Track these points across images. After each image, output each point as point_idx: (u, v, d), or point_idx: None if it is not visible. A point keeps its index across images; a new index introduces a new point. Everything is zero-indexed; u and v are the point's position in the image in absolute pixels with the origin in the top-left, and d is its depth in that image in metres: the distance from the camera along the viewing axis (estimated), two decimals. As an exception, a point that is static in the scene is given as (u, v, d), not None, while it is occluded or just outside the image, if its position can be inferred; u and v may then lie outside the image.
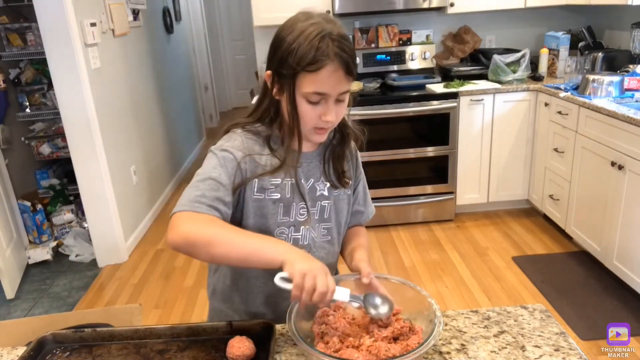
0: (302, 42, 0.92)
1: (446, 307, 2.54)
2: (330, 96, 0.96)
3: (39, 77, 3.52)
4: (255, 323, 1.00)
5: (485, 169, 3.43)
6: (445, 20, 3.73)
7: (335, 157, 1.11)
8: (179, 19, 5.25)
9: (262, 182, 1.02)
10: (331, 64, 0.92)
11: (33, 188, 3.63)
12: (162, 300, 2.81)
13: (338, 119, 1.01)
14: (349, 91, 0.99)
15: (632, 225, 2.40)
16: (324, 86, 0.94)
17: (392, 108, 3.24)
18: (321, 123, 0.99)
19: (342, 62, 0.93)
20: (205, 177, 0.96)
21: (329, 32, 0.93)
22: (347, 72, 0.94)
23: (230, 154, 0.99)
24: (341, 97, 0.98)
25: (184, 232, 0.91)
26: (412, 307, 0.96)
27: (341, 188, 1.12)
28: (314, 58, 0.91)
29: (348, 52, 0.94)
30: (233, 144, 1.01)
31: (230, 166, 0.98)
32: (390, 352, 0.85)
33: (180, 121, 4.96)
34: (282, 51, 0.95)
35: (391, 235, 3.39)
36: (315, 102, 0.96)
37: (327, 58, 0.92)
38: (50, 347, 1.00)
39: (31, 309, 2.81)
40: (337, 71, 0.93)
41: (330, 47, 0.92)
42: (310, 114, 0.97)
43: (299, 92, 0.96)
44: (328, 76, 0.93)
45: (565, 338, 0.96)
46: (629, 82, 2.77)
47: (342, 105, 1.00)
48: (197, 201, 0.93)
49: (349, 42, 0.96)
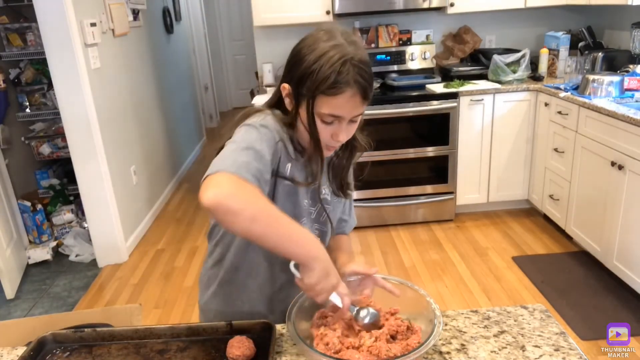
0: (324, 65, 0.92)
1: (446, 307, 2.54)
2: (345, 119, 0.97)
3: (39, 77, 3.52)
4: (255, 323, 1.00)
5: (485, 169, 3.43)
6: (445, 20, 3.73)
7: (340, 167, 1.12)
8: (179, 19, 5.25)
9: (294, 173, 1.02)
10: (350, 90, 0.93)
11: (33, 188, 3.63)
12: (162, 300, 2.81)
13: (348, 137, 1.02)
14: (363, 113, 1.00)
15: (632, 225, 2.40)
16: (341, 110, 0.95)
17: (392, 108, 3.24)
18: (332, 142, 1.00)
19: (361, 89, 0.93)
20: (249, 146, 0.89)
21: (351, 57, 0.93)
22: (364, 97, 0.95)
23: (270, 131, 0.96)
24: (355, 119, 0.99)
25: (229, 195, 0.80)
26: (412, 307, 0.97)
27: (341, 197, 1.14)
28: (334, 83, 0.92)
29: (367, 79, 0.94)
30: (271, 122, 0.98)
31: (271, 143, 0.95)
32: (392, 352, 0.85)
33: (180, 121, 4.96)
34: (302, 70, 0.95)
35: (391, 235, 3.39)
36: (329, 122, 0.97)
37: (347, 85, 0.92)
38: (50, 347, 1.00)
39: (31, 309, 2.81)
40: (354, 97, 0.94)
41: (350, 73, 0.92)
42: (322, 133, 0.98)
43: (315, 111, 0.96)
44: (346, 101, 0.94)
45: (565, 338, 0.96)
46: (629, 82, 2.77)
47: (354, 125, 1.01)
48: (244, 167, 0.85)
49: (369, 68, 0.96)
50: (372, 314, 0.95)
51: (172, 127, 4.61)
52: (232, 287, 1.14)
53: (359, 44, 0.97)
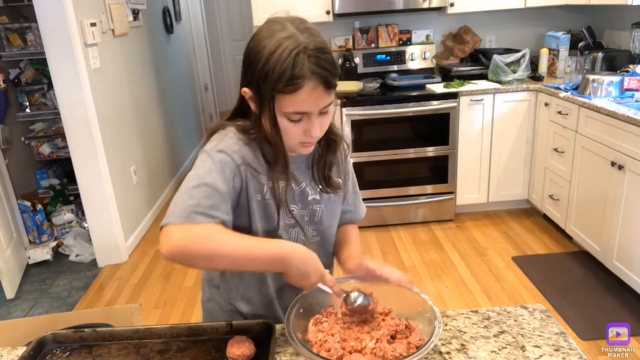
0: (277, 62, 0.87)
1: (446, 307, 2.54)
2: (312, 113, 0.92)
3: (39, 77, 3.52)
4: (255, 323, 1.00)
5: (485, 169, 3.43)
6: (445, 20, 3.73)
7: (322, 163, 1.08)
8: (179, 19, 5.25)
9: (262, 187, 1.00)
10: (309, 83, 0.88)
11: (33, 188, 3.63)
12: (162, 300, 2.81)
13: (323, 131, 0.98)
14: (332, 102, 0.95)
15: (632, 225, 2.40)
16: (305, 106, 0.90)
17: (392, 108, 3.24)
18: (307, 139, 0.96)
19: (321, 79, 0.88)
20: (199, 183, 0.90)
21: (304, 46, 0.87)
22: (326, 87, 0.90)
23: (227, 155, 0.94)
24: (325, 110, 0.94)
25: (181, 245, 0.85)
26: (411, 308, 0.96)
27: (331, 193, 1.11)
28: (290, 79, 0.87)
29: (326, 67, 0.89)
30: (229, 144, 0.96)
31: (228, 169, 0.93)
32: (397, 352, 0.84)
33: (180, 121, 4.96)
34: (257, 71, 0.90)
35: (391, 235, 3.39)
36: (297, 120, 0.93)
37: (304, 78, 0.87)
38: (50, 347, 1.00)
39: (31, 309, 2.81)
40: (316, 89, 0.89)
41: (306, 64, 0.87)
42: (293, 131, 0.94)
43: (279, 112, 0.92)
44: (308, 95, 0.89)
45: (565, 338, 0.96)
46: (629, 82, 2.77)
47: (326, 117, 0.96)
48: (193, 211, 0.87)
49: (327, 54, 0.90)
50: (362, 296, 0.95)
51: (172, 127, 4.60)
52: (232, 286, 1.14)
53: (313, 30, 0.92)
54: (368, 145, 3.32)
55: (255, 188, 0.99)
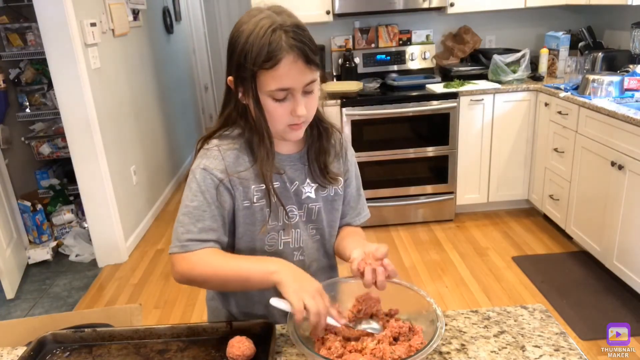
0: (255, 40, 0.89)
1: (446, 307, 2.54)
2: (296, 89, 0.92)
3: (39, 77, 3.52)
4: (255, 323, 1.00)
5: (485, 169, 3.43)
6: (445, 20, 3.73)
7: (318, 154, 1.07)
8: (179, 19, 5.25)
9: (247, 191, 1.00)
10: (287, 56, 0.89)
11: (33, 188, 3.63)
12: (162, 300, 2.81)
13: (310, 112, 0.98)
14: (315, 81, 0.95)
15: (632, 225, 2.40)
16: (286, 81, 0.91)
17: (392, 108, 3.24)
18: (294, 119, 0.95)
19: (299, 52, 0.89)
20: (187, 210, 0.98)
21: (280, 23, 0.90)
22: (306, 61, 0.91)
23: (209, 173, 0.98)
24: (308, 89, 0.94)
25: (181, 274, 0.99)
26: (412, 308, 0.96)
27: (329, 186, 1.08)
28: (269, 54, 0.88)
29: (304, 41, 0.90)
30: (212, 162, 0.99)
31: (212, 187, 0.98)
32: (396, 354, 0.84)
33: (180, 121, 4.96)
34: (237, 54, 0.92)
35: (391, 235, 3.39)
36: (282, 98, 0.93)
37: (282, 51, 0.88)
38: (50, 347, 0.99)
39: (31, 309, 2.81)
40: (295, 62, 0.90)
41: (283, 39, 0.89)
42: (279, 112, 0.94)
43: (263, 92, 0.93)
44: (287, 69, 0.90)
45: (565, 338, 0.96)
46: (629, 82, 2.77)
47: (312, 97, 0.96)
48: (185, 239, 0.97)
49: (304, 31, 0.92)
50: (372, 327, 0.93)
51: (172, 127, 4.61)
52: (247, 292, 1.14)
53: (289, 13, 0.94)
54: (368, 145, 3.32)
55: (243, 194, 1.00)
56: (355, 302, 0.97)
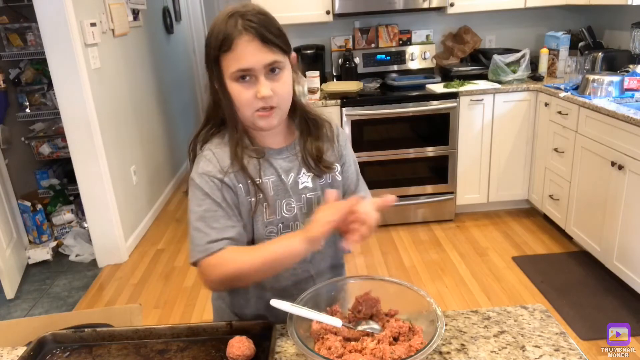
0: (215, 27, 0.95)
1: (446, 307, 2.54)
2: (256, 70, 0.94)
3: (39, 77, 3.52)
4: (255, 323, 1.00)
5: (485, 169, 3.43)
6: (445, 20, 3.73)
7: (309, 143, 1.07)
8: (179, 19, 5.25)
9: (246, 185, 1.02)
10: (242, 37, 0.92)
11: (33, 188, 3.64)
12: (162, 300, 2.81)
13: (279, 96, 0.97)
14: (280, 63, 0.96)
15: (632, 225, 2.40)
16: (244, 61, 0.93)
17: (392, 108, 3.24)
18: (259, 102, 0.96)
19: (255, 32, 0.92)
20: (198, 216, 0.99)
21: (238, 10, 0.94)
22: (263, 40, 0.93)
23: (208, 177, 1.00)
24: (272, 70, 0.95)
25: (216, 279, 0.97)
26: (412, 308, 0.96)
27: (326, 174, 1.08)
28: (225, 37, 0.93)
29: (260, 23, 0.93)
30: (208, 165, 1.01)
31: (215, 189, 0.99)
32: (395, 354, 0.84)
33: (180, 121, 4.96)
34: (205, 44, 0.98)
35: (391, 235, 3.39)
36: (245, 81, 0.95)
37: (237, 33, 0.92)
38: (50, 347, 0.99)
39: (31, 309, 2.81)
40: (251, 42, 0.93)
41: (239, 22, 0.93)
42: (244, 95, 0.96)
43: (227, 76, 0.96)
44: (244, 49, 0.93)
45: (565, 338, 0.96)
46: (629, 82, 2.77)
47: (279, 81, 0.97)
48: (208, 242, 0.97)
49: (264, 15, 0.95)
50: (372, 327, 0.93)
51: (172, 127, 4.60)
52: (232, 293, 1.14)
53: (254, 5, 0.97)
54: (368, 145, 3.32)
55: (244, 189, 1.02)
56: (355, 302, 0.97)
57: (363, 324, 0.93)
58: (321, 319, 0.89)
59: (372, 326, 0.93)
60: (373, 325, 0.93)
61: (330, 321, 0.89)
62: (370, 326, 0.92)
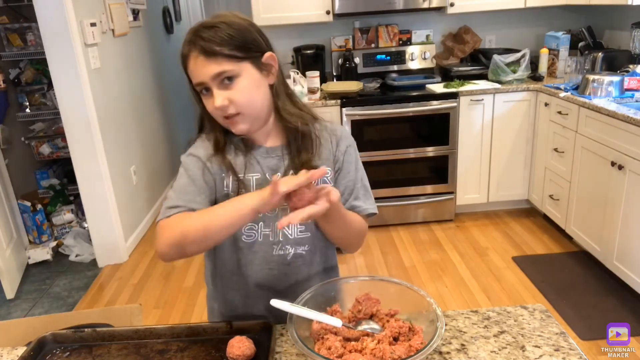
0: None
1: (446, 307, 2.54)
2: (207, 82, 0.96)
3: (39, 77, 3.52)
4: (255, 323, 1.00)
5: (485, 169, 3.43)
6: (445, 20, 3.73)
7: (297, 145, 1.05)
8: (179, 19, 5.25)
9: (227, 180, 1.04)
10: (191, 54, 0.96)
11: (33, 188, 3.64)
12: (162, 300, 2.81)
13: (237, 103, 0.97)
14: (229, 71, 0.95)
15: (632, 225, 2.40)
16: (196, 75, 0.97)
17: (392, 108, 3.24)
18: (219, 112, 0.99)
19: (199, 48, 0.94)
20: (173, 189, 1.03)
21: (198, 25, 0.97)
22: (206, 54, 0.94)
23: (194, 157, 1.05)
24: (219, 80, 0.95)
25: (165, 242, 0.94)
26: (412, 308, 0.96)
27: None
28: (181, 55, 0.98)
29: (203, 37, 0.94)
30: (197, 148, 1.07)
31: (195, 167, 1.03)
32: (396, 354, 0.84)
33: (180, 121, 4.96)
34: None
35: (391, 235, 3.39)
36: (205, 93, 0.99)
37: (187, 50, 0.96)
38: (50, 347, 1.00)
39: (31, 309, 2.81)
40: (197, 58, 0.95)
41: (188, 38, 0.96)
42: (209, 106, 1.00)
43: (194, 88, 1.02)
44: (194, 66, 0.96)
45: (565, 338, 0.96)
46: (629, 82, 2.77)
47: (232, 88, 0.96)
48: (169, 207, 0.98)
49: (211, 27, 0.94)
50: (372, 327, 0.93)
51: (172, 127, 4.61)
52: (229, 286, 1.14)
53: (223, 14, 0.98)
54: (368, 145, 3.32)
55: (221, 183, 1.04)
56: (355, 302, 0.97)
57: (363, 324, 0.93)
58: (321, 319, 0.89)
59: (372, 326, 0.93)
60: (373, 325, 0.93)
61: (330, 321, 0.89)
62: (370, 326, 0.92)
